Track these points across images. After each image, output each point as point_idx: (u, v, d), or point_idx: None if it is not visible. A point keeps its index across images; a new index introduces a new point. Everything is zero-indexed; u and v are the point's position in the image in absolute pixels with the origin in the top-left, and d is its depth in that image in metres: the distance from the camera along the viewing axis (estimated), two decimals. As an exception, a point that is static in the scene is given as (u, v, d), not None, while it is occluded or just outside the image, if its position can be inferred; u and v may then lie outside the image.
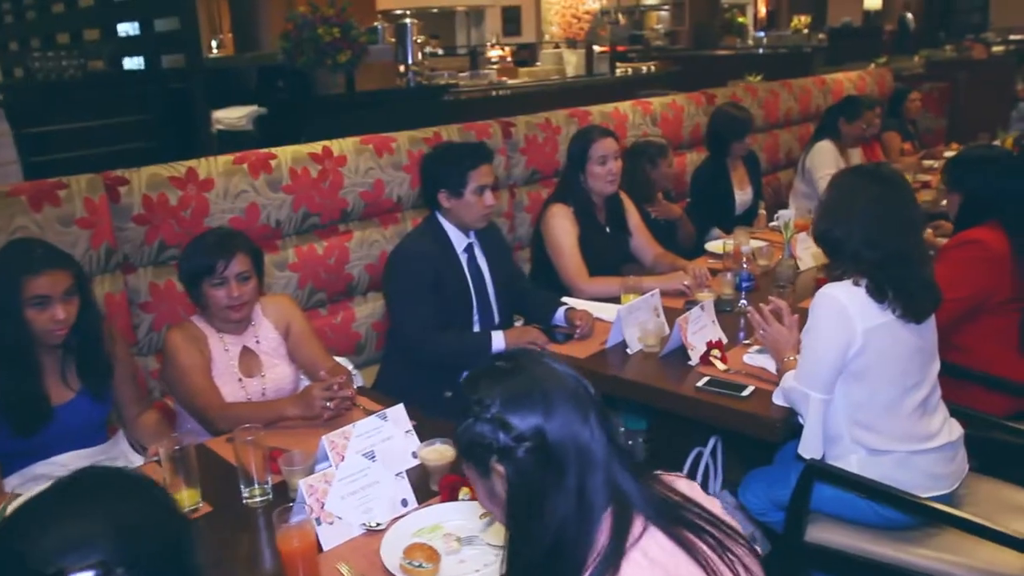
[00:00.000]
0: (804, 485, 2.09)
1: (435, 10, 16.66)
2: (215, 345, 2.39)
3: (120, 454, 2.38)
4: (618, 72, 10.31)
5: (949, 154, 5.54)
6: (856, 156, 4.76)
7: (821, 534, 2.15)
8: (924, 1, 15.42)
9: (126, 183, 2.66)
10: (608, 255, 3.27)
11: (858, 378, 2.02)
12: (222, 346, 2.40)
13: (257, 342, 2.45)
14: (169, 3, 5.40)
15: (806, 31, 14.18)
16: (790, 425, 2.15)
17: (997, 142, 5.45)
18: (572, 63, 9.77)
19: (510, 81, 8.85)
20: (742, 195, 4.17)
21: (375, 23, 6.99)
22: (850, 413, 2.05)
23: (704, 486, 2.76)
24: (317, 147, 3.09)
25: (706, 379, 2.32)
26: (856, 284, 1.99)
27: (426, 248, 2.68)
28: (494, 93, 8.56)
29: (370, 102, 6.51)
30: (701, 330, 2.50)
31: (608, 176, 3.14)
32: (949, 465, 2.11)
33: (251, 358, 2.43)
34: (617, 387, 2.46)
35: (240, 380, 2.39)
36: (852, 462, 2.08)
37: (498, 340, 2.64)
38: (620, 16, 17.20)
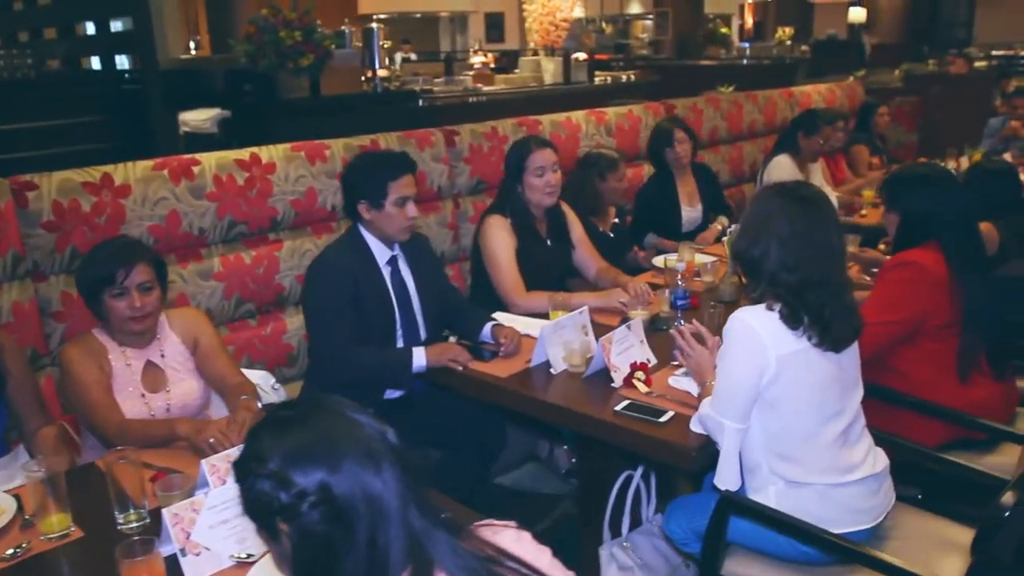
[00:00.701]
0: (719, 517, 1.99)
1: (418, 15, 16.60)
2: (116, 359, 2.28)
3: (18, 470, 2.27)
4: (597, 80, 10.24)
5: (916, 169, 5.48)
6: (817, 170, 4.68)
7: (739, 568, 2.05)
8: (909, 16, 15.43)
9: (35, 188, 2.56)
10: (549, 268, 3.18)
11: (773, 407, 1.92)
12: (124, 360, 2.29)
13: (162, 356, 2.35)
14: (123, 3, 5.29)
15: (789, 43, 14.16)
16: (709, 454, 2.06)
17: (964, 158, 5.39)
18: (550, 71, 9.69)
19: (485, 88, 8.76)
20: (691, 211, 4.07)
21: (343, 27, 6.88)
22: (767, 443, 1.96)
23: (635, 510, 2.67)
24: (244, 154, 2.99)
25: (626, 403, 2.22)
26: (770, 309, 1.90)
27: (345, 261, 2.58)
28: (471, 100, 8.48)
29: (335, 106, 6.42)
30: (627, 350, 2.41)
31: (546, 188, 3.05)
32: (872, 498, 2.01)
33: (156, 373, 2.33)
34: (537, 409, 2.36)
35: (143, 396, 2.29)
36: (771, 494, 1.99)
37: (419, 357, 2.54)
38: (604, 24, 17.19)
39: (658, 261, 3.47)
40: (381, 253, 2.66)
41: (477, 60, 13.92)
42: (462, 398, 2.62)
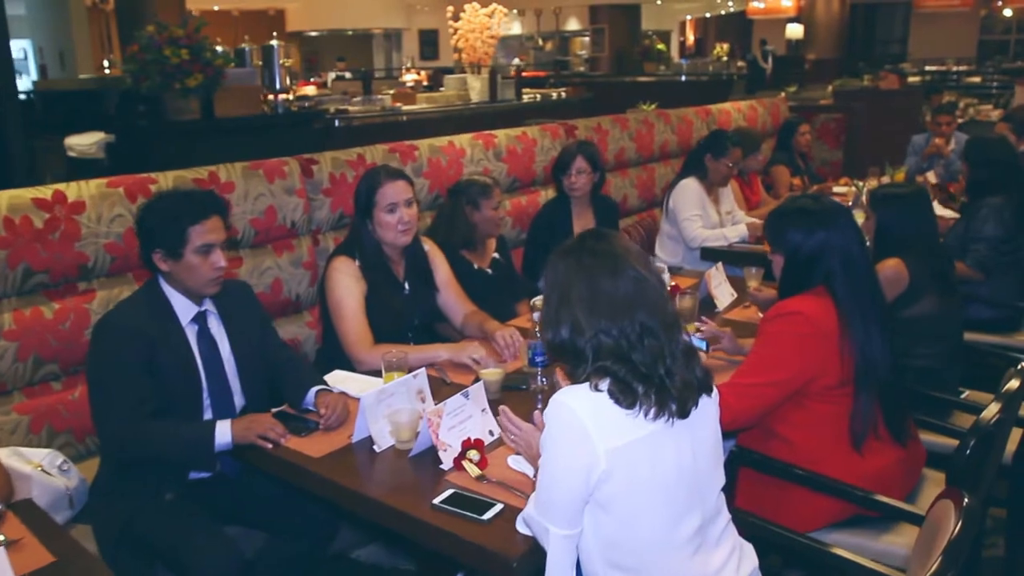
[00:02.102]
0: (548, 640, 1.62)
1: (350, 32, 16.22)
2: None
3: None
4: (526, 98, 9.96)
5: (839, 190, 5.21)
6: (728, 194, 4.36)
7: None
8: (846, 32, 15.43)
9: None
10: (408, 316, 2.80)
11: (606, 509, 1.55)
12: None
13: None
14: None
15: (726, 59, 14.02)
16: (540, 559, 1.67)
17: (886, 177, 5.14)
18: (476, 88, 9.36)
19: (404, 107, 8.39)
20: (583, 245, 3.73)
21: (242, 44, 6.48)
22: (603, 551, 1.59)
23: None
24: (46, 192, 2.57)
25: (448, 493, 1.83)
26: (596, 389, 1.53)
27: (138, 321, 2.16)
28: (392, 119, 8.11)
29: (231, 129, 6.02)
30: (463, 423, 2.02)
31: (399, 226, 2.67)
32: (735, 611, 1.66)
33: None
34: (350, 501, 1.95)
35: None
36: (614, 609, 1.62)
37: (223, 432, 2.12)
38: (542, 41, 16.96)
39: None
40: (185, 310, 2.25)
41: (409, 78, 13.60)
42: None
